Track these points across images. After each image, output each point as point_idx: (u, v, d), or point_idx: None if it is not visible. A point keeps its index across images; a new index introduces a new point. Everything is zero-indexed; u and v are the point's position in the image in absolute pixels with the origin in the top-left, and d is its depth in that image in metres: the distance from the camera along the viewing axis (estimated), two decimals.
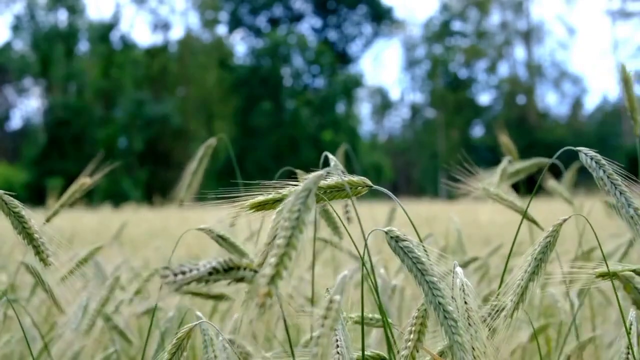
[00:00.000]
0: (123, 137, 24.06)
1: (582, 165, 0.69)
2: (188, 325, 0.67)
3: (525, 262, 0.69)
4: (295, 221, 0.47)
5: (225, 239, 0.83)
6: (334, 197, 0.63)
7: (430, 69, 28.58)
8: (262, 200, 0.62)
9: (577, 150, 0.68)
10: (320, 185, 0.62)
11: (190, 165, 1.22)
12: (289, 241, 0.47)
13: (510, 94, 28.13)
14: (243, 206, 0.62)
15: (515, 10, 28.88)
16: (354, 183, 0.63)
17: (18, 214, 0.69)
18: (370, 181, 0.64)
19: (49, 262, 0.69)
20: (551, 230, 0.69)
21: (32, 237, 0.70)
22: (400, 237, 0.59)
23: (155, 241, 3.61)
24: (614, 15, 28.22)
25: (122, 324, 1.18)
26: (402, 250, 0.59)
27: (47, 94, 25.09)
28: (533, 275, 0.68)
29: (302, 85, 26.63)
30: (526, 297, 0.68)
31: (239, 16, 27.89)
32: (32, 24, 25.06)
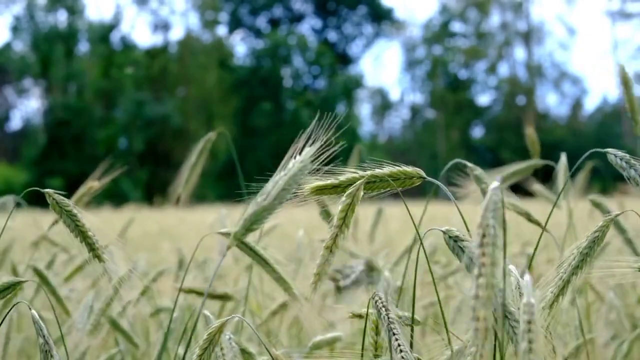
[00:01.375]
0: (123, 137, 24.06)
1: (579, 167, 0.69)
2: (220, 320, 0.67)
3: (570, 255, 0.68)
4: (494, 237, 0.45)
5: (244, 243, 0.83)
6: (388, 187, 0.64)
7: (430, 70, 28.57)
8: (321, 185, 0.63)
9: (604, 152, 0.69)
10: (376, 174, 0.63)
11: (189, 160, 1.20)
12: (493, 259, 0.44)
13: (510, 95, 28.12)
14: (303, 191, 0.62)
15: (515, 10, 28.89)
16: (408, 173, 0.64)
17: (70, 212, 0.70)
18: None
19: (104, 258, 0.70)
20: (600, 225, 0.69)
21: (85, 234, 0.70)
22: (460, 237, 0.59)
23: (156, 241, 3.62)
24: (614, 15, 28.23)
25: (127, 325, 1.18)
26: (460, 250, 0.58)
27: (47, 95, 25.09)
28: (577, 269, 0.68)
29: (302, 85, 26.63)
30: (567, 290, 0.67)
31: (239, 17, 27.88)
32: (31, 25, 25.05)
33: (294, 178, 0.60)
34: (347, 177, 0.63)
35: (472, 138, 28.04)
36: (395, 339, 0.60)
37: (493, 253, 0.44)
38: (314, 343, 0.96)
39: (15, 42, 25.26)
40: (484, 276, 0.44)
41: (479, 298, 0.43)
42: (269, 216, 0.60)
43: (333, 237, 0.61)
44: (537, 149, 1.34)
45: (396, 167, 0.64)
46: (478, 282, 0.44)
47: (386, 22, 29.07)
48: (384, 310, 0.62)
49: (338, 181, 0.63)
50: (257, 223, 0.60)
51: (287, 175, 0.60)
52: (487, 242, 0.45)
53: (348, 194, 0.61)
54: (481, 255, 0.44)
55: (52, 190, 0.71)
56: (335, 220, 0.61)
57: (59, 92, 24.66)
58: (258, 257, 0.82)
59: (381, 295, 0.63)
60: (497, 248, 0.45)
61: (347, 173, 0.63)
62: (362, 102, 30.20)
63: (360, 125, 27.84)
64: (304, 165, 0.61)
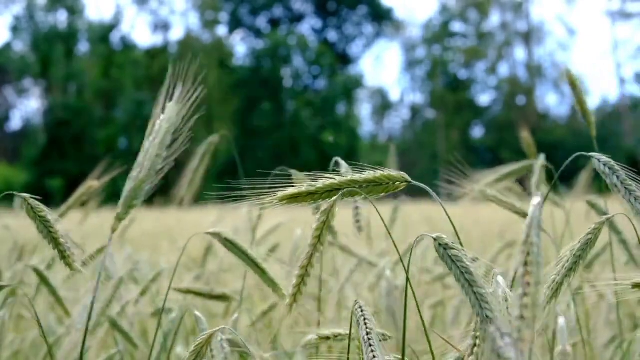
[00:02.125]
0: (123, 137, 24.05)
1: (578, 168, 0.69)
2: (208, 332, 0.66)
3: (563, 257, 0.68)
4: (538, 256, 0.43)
5: (234, 243, 0.82)
6: (371, 192, 0.60)
7: (430, 70, 28.56)
8: (295, 193, 0.59)
9: (589, 156, 0.68)
10: (356, 179, 0.59)
11: (192, 163, 1.20)
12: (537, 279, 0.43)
13: (510, 95, 28.12)
14: (274, 199, 0.59)
15: (515, 11, 28.89)
16: (392, 178, 0.61)
17: (44, 218, 0.68)
18: None
19: (75, 267, 0.68)
20: (593, 227, 0.69)
21: (57, 241, 0.68)
22: (449, 244, 0.56)
23: (155, 241, 3.61)
24: (614, 16, 28.22)
25: (127, 325, 1.18)
26: (450, 259, 0.56)
27: (47, 95, 25.08)
28: (570, 272, 0.67)
29: (303, 86, 26.62)
30: (560, 292, 0.67)
31: (239, 17, 27.87)
32: (31, 25, 25.05)
33: (163, 142, 0.59)
34: (324, 183, 0.59)
35: (472, 138, 28.04)
36: (371, 350, 0.59)
37: (537, 272, 0.43)
38: (308, 342, 0.95)
39: (15, 42, 25.27)
40: (529, 296, 0.42)
41: (524, 319, 0.42)
42: (147, 188, 0.58)
43: (308, 256, 0.58)
44: (533, 151, 1.34)
45: (379, 171, 0.60)
46: (522, 302, 0.42)
47: (386, 22, 29.07)
48: (363, 321, 0.61)
49: (314, 188, 0.59)
50: (137, 198, 0.59)
51: (155, 141, 0.58)
52: (532, 261, 0.43)
53: (323, 211, 0.58)
54: (524, 274, 0.43)
55: (29, 195, 0.69)
56: (310, 239, 0.58)
57: (59, 92, 24.65)
58: (246, 257, 0.82)
59: (362, 306, 0.62)
60: (540, 267, 0.43)
61: (324, 179, 0.59)
62: (362, 102, 30.22)
63: (360, 125, 27.85)
64: (170, 125, 0.59)
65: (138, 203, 0.58)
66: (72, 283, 1.35)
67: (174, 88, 0.58)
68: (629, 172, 0.66)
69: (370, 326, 0.59)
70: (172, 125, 0.58)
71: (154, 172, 0.58)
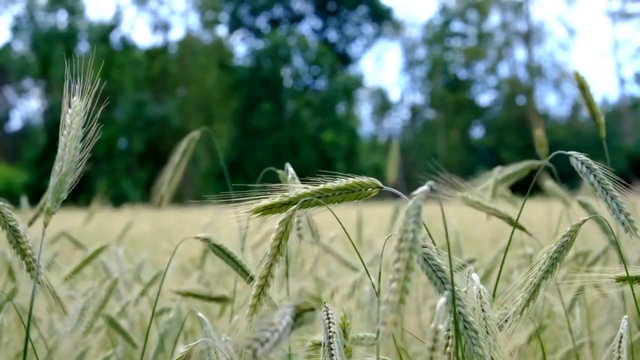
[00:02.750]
0: (123, 137, 24.06)
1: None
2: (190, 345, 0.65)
3: (540, 260, 0.68)
4: (412, 242, 0.44)
5: (222, 249, 0.82)
6: (344, 200, 0.60)
7: (430, 70, 28.57)
8: (268, 205, 0.60)
9: (567, 155, 0.68)
10: (328, 188, 0.60)
11: (172, 159, 1.17)
12: (408, 264, 0.44)
13: (511, 95, 28.12)
14: (248, 210, 0.59)
15: (515, 11, 28.89)
16: (364, 184, 0.61)
17: (13, 228, 0.68)
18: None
19: (40, 279, 0.68)
20: (569, 230, 0.69)
21: (24, 252, 0.68)
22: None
23: (155, 241, 3.61)
24: (614, 16, 28.23)
25: (127, 326, 1.18)
26: (421, 258, 0.56)
27: (47, 95, 25.09)
28: (547, 274, 0.67)
29: (303, 86, 26.63)
30: (537, 295, 0.67)
31: (239, 17, 27.88)
32: (31, 25, 25.05)
33: (77, 135, 0.61)
34: (298, 193, 0.59)
35: (472, 138, 28.04)
36: (330, 355, 0.59)
37: (409, 258, 0.44)
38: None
39: (15, 42, 25.28)
40: (398, 281, 0.43)
41: (389, 302, 0.42)
42: (70, 180, 0.60)
43: (267, 266, 0.58)
44: (546, 150, 1.33)
45: (350, 178, 0.60)
46: (391, 286, 0.43)
47: (386, 22, 29.08)
48: (327, 325, 0.61)
49: (287, 198, 0.59)
50: (63, 191, 0.61)
51: (70, 134, 0.60)
52: (404, 247, 0.44)
53: (281, 221, 0.58)
54: (396, 260, 0.44)
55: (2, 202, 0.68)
56: (269, 249, 0.58)
57: (59, 92, 24.63)
58: (232, 262, 0.81)
59: (329, 309, 0.62)
60: (414, 253, 0.44)
61: (297, 188, 0.60)
62: (362, 102, 30.22)
63: (360, 125, 27.86)
64: (81, 118, 0.61)
65: (64, 195, 0.60)
66: (73, 283, 1.35)
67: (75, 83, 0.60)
68: (606, 172, 0.66)
69: (333, 330, 0.59)
70: (81, 119, 0.60)
71: (74, 165, 0.60)
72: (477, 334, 0.55)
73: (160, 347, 1.07)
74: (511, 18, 28.90)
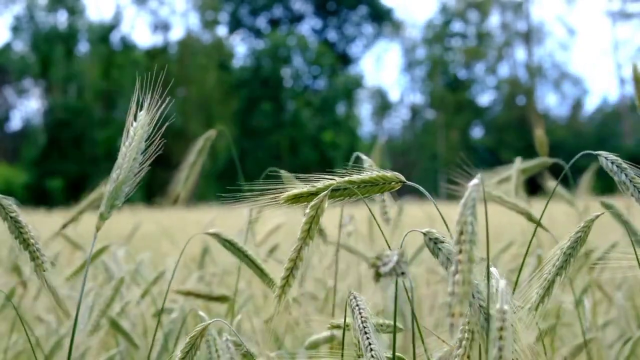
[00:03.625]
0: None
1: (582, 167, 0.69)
2: (201, 324, 0.67)
3: (553, 256, 0.68)
4: (471, 234, 0.45)
5: (233, 244, 0.82)
6: (368, 192, 0.62)
7: (430, 70, 28.57)
8: (297, 194, 0.61)
9: (596, 154, 0.68)
10: (354, 180, 0.62)
11: (187, 159, 1.18)
12: (470, 255, 0.44)
13: (510, 95, 28.13)
14: (279, 199, 0.61)
15: (515, 11, 28.89)
16: (387, 178, 0.62)
17: (15, 219, 0.68)
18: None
19: (44, 267, 0.68)
20: (582, 225, 0.69)
21: (28, 242, 0.68)
22: (439, 238, 0.58)
23: (155, 241, 3.61)
24: (614, 16, 28.23)
25: (129, 326, 1.18)
26: (441, 252, 0.57)
27: (47, 95, 25.09)
28: (561, 270, 0.68)
29: (303, 86, 26.63)
30: (552, 291, 0.67)
31: (239, 17, 27.89)
32: (31, 25, 25.06)
33: (139, 146, 0.63)
34: (325, 184, 0.61)
35: (472, 138, 28.05)
36: (366, 337, 0.60)
37: (470, 250, 0.44)
38: (310, 342, 0.95)
39: (15, 42, 25.28)
40: (461, 273, 0.44)
41: (455, 294, 0.43)
42: (126, 189, 0.62)
43: (297, 249, 0.60)
44: (546, 150, 1.33)
45: (374, 172, 0.62)
46: (455, 279, 0.43)
47: (386, 22, 29.08)
48: (358, 311, 0.62)
49: (315, 188, 0.61)
50: (118, 198, 0.62)
51: (132, 145, 0.62)
52: (465, 240, 0.45)
53: (312, 205, 0.60)
54: (458, 252, 0.44)
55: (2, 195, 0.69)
56: (300, 233, 0.60)
57: (59, 92, 24.66)
58: (246, 258, 0.82)
59: (357, 296, 0.63)
60: (474, 245, 0.45)
61: (324, 180, 0.62)
62: (362, 102, 30.23)
63: (360, 125, 27.86)
64: (144, 131, 0.62)
65: (120, 203, 0.61)
66: (73, 283, 1.36)
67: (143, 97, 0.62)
68: (636, 170, 0.66)
69: (365, 315, 0.60)
70: (145, 132, 0.62)
71: (132, 174, 0.61)
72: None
73: (164, 346, 1.07)
74: (511, 18, 28.92)
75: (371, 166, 0.80)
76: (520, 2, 28.60)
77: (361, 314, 0.62)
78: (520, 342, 0.56)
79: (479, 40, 29.00)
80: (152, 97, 0.63)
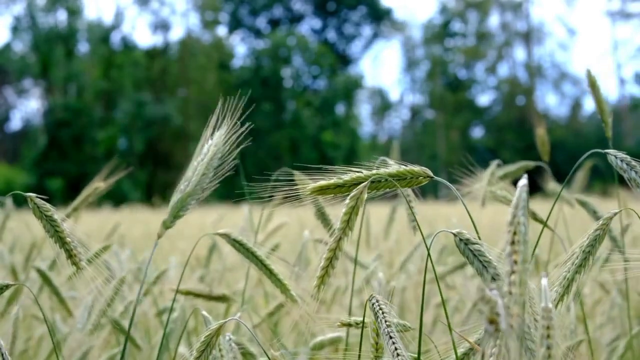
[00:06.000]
0: (123, 138, 24.06)
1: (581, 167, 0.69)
2: (219, 322, 0.67)
3: (572, 254, 0.68)
4: (524, 235, 0.44)
5: (242, 244, 0.82)
6: (394, 186, 0.62)
7: (430, 70, 28.57)
8: (324, 185, 0.62)
9: (604, 153, 0.69)
10: (381, 173, 0.62)
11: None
12: (525, 256, 0.44)
13: (510, 95, 28.12)
14: (304, 190, 0.61)
15: (515, 11, 28.89)
16: (415, 173, 0.63)
17: (50, 218, 0.69)
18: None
19: (82, 265, 0.69)
20: (601, 223, 0.69)
21: (64, 240, 0.69)
22: (471, 239, 0.58)
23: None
24: (614, 16, 28.22)
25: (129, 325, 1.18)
26: (472, 253, 0.57)
27: (47, 95, 25.08)
28: (580, 268, 0.68)
29: (303, 86, 26.62)
30: (572, 289, 0.67)
31: (239, 17, 27.88)
32: (31, 25, 25.04)
33: (211, 163, 0.63)
34: (351, 176, 0.62)
35: (472, 138, 28.04)
36: (392, 342, 0.60)
37: (525, 250, 0.44)
38: (315, 343, 0.95)
39: (16, 42, 25.27)
40: (517, 273, 0.43)
41: (512, 295, 0.43)
42: (192, 202, 0.63)
43: (337, 240, 0.60)
44: (547, 149, 1.33)
45: (402, 166, 0.63)
46: (511, 279, 0.43)
47: (386, 22, 29.08)
48: (382, 314, 0.62)
49: (342, 181, 0.61)
50: (183, 209, 0.63)
51: (204, 161, 0.63)
52: (519, 240, 0.44)
53: (352, 196, 0.60)
54: (513, 252, 0.44)
55: (35, 194, 0.69)
56: (339, 223, 0.60)
57: (59, 92, 24.66)
58: (255, 258, 0.82)
59: (378, 299, 0.63)
60: (527, 245, 0.44)
61: (351, 172, 0.62)
62: (362, 102, 30.21)
63: (360, 125, 27.86)
64: (218, 149, 0.63)
65: (184, 214, 0.62)
66: (75, 283, 1.36)
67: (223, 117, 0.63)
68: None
69: (389, 319, 0.61)
70: (219, 150, 0.64)
71: (200, 188, 0.62)
72: (530, 329, 0.55)
73: (165, 346, 1.07)
74: (511, 18, 28.91)
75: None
76: (520, 2, 28.61)
77: (385, 317, 0.62)
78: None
79: (478, 40, 29.00)
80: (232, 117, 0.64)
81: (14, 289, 1.19)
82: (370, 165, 0.63)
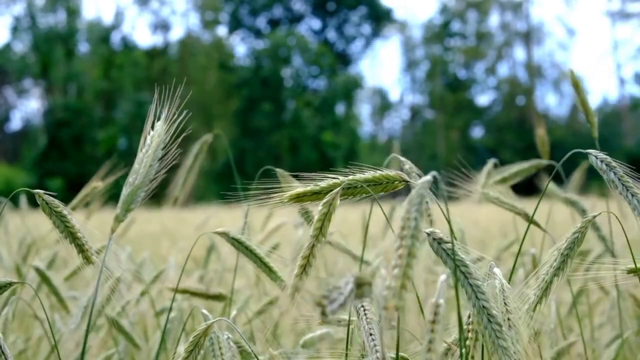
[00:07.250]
0: (123, 138, 24.06)
1: (583, 167, 0.69)
2: (206, 323, 0.67)
3: (551, 257, 0.68)
4: (414, 230, 0.45)
5: (241, 242, 0.83)
6: (367, 192, 0.62)
7: (430, 70, 28.57)
8: (300, 192, 0.62)
9: (586, 153, 0.68)
10: (357, 179, 0.62)
11: (185, 162, 1.20)
12: (410, 250, 0.44)
13: (510, 95, 28.12)
14: (282, 198, 0.62)
15: (514, 11, 28.89)
16: (390, 177, 0.63)
17: (60, 214, 0.69)
18: None
19: (93, 260, 0.69)
20: (579, 226, 0.69)
21: (75, 235, 0.69)
22: (444, 239, 0.58)
23: (156, 241, 3.61)
24: (614, 16, 28.23)
25: (127, 325, 1.18)
26: (445, 253, 0.57)
27: (47, 95, 25.09)
28: (558, 271, 0.67)
29: (302, 86, 26.62)
30: (550, 292, 0.67)
31: (239, 17, 27.88)
32: (31, 25, 25.05)
33: (156, 154, 0.64)
34: (328, 183, 0.62)
35: (471, 138, 28.04)
36: (372, 339, 0.60)
37: (412, 245, 0.44)
38: (305, 341, 0.95)
39: (15, 42, 25.28)
40: (399, 267, 0.44)
41: (391, 288, 0.43)
42: (142, 194, 0.64)
43: (310, 246, 0.60)
44: (547, 149, 1.33)
45: (378, 171, 0.62)
46: (393, 272, 0.44)
47: (386, 22, 29.07)
48: (363, 311, 0.62)
49: (319, 187, 0.62)
50: (134, 202, 0.64)
51: (148, 153, 0.64)
52: (406, 235, 0.45)
53: (324, 202, 0.60)
54: (399, 246, 0.45)
55: (44, 191, 0.70)
56: (312, 230, 0.60)
57: (59, 92, 24.66)
58: (250, 252, 0.82)
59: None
60: (416, 240, 0.45)
61: (328, 179, 0.62)
62: (362, 102, 30.20)
63: (360, 125, 27.86)
64: (161, 140, 0.64)
65: (135, 206, 0.63)
66: (73, 283, 1.36)
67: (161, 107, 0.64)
68: (626, 169, 0.66)
69: (371, 316, 0.61)
70: (161, 141, 0.65)
71: (147, 180, 0.62)
72: (501, 327, 0.56)
73: (162, 346, 1.07)
74: (511, 18, 28.92)
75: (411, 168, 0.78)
76: (520, 2, 28.61)
77: (366, 315, 0.62)
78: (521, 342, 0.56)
79: (478, 40, 29.00)
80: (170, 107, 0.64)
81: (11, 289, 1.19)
82: (346, 172, 0.63)
